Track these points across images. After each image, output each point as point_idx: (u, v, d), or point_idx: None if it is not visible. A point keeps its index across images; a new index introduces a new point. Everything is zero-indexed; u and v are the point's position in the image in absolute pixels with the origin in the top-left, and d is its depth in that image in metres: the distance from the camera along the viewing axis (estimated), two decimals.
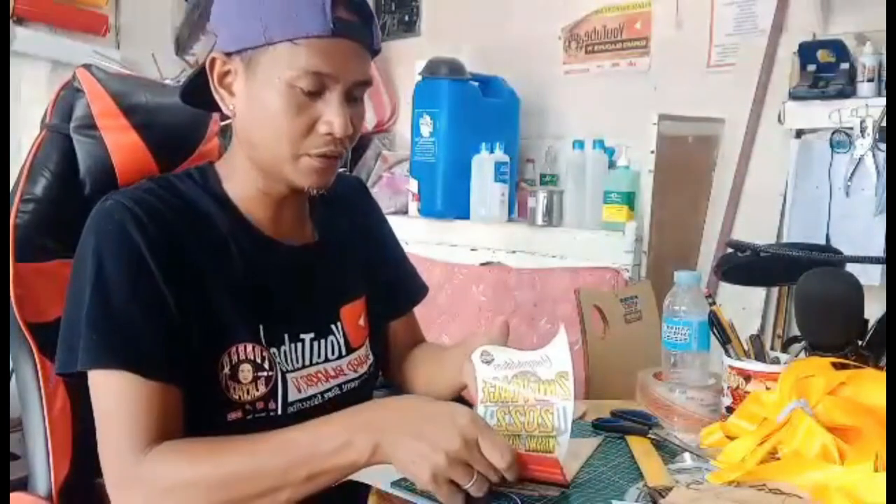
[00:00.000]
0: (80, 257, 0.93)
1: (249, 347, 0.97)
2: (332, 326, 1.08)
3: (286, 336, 1.01)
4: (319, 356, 1.05)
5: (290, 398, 1.00)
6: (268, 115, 0.93)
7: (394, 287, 1.23)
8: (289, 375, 1.00)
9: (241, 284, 0.98)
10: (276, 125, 0.93)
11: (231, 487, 0.85)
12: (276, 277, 1.02)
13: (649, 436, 1.05)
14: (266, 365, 0.98)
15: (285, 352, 1.01)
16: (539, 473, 0.87)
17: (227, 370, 0.95)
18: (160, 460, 0.87)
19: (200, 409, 0.94)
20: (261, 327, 0.98)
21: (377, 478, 0.91)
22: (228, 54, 0.95)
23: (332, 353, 1.07)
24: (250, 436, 0.89)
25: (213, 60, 0.97)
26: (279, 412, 0.98)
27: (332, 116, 0.93)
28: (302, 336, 1.03)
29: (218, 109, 1.07)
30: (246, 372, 0.96)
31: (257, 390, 0.97)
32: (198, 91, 1.02)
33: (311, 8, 0.90)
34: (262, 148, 0.96)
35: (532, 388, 0.94)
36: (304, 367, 1.03)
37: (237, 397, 0.96)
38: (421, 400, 0.92)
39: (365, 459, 0.84)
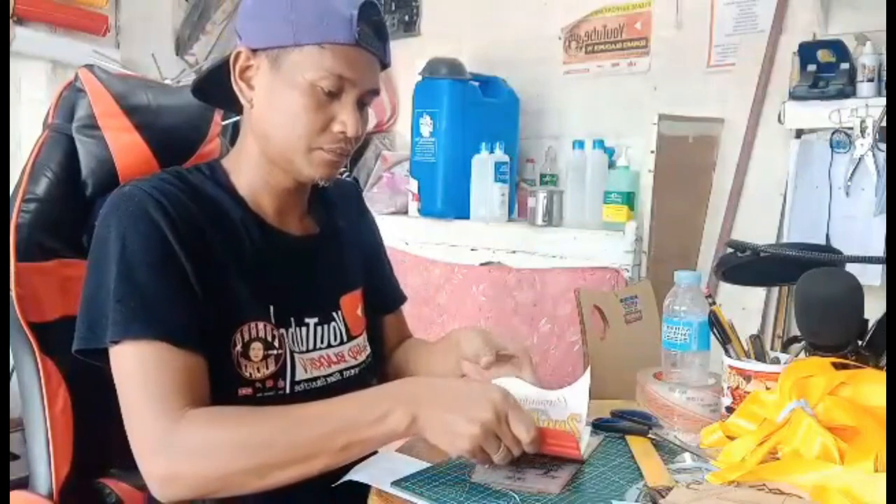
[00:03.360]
0: (101, 239, 0.97)
1: (261, 326, 1.01)
2: (334, 314, 1.12)
3: (293, 319, 1.06)
4: (323, 341, 1.09)
5: (298, 377, 1.04)
6: (288, 109, 1.00)
7: (381, 287, 1.27)
8: (297, 356, 1.04)
9: (251, 267, 1.03)
10: (295, 119, 1.00)
11: (265, 452, 0.88)
12: (282, 263, 1.07)
13: (649, 436, 1.05)
14: (276, 343, 1.02)
15: (293, 334, 1.05)
16: (557, 449, 0.92)
17: (239, 347, 0.99)
18: (193, 425, 0.89)
19: (213, 385, 0.96)
20: (271, 308, 1.03)
21: (377, 478, 0.91)
22: (254, 51, 1.01)
23: (335, 338, 1.11)
24: (285, 406, 0.93)
25: (237, 54, 1.02)
26: (287, 390, 1.02)
27: (346, 117, 1.01)
28: (307, 320, 1.08)
29: (223, 106, 1.15)
30: (257, 350, 1.00)
31: (267, 368, 1.01)
32: (208, 87, 1.09)
33: (339, 19, 0.98)
34: (277, 139, 1.02)
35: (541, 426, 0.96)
36: (308, 350, 1.07)
37: (248, 374, 0.99)
38: (454, 379, 1.03)
39: (402, 430, 0.89)
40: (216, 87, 1.07)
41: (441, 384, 0.96)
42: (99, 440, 1.09)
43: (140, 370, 0.91)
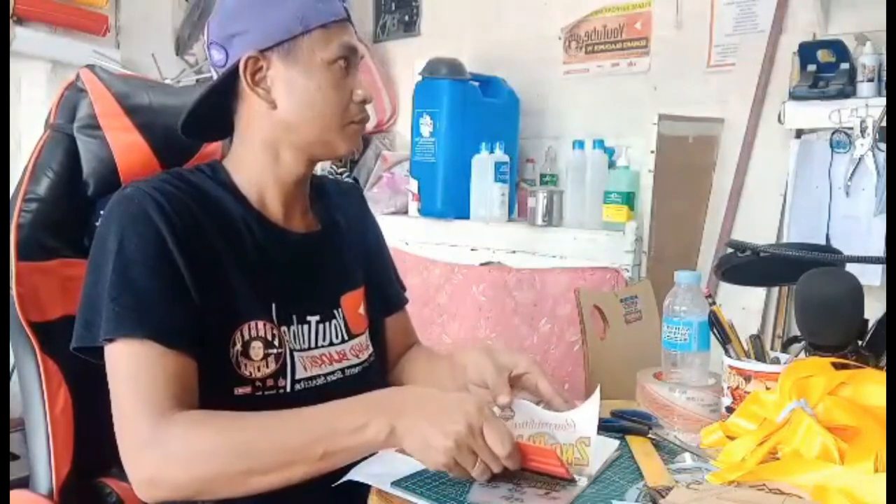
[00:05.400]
0: (100, 239, 0.97)
1: (261, 325, 1.01)
2: (334, 312, 1.12)
3: (294, 317, 1.06)
4: (324, 339, 1.09)
5: (298, 376, 1.04)
6: (315, 94, 1.03)
7: (382, 288, 1.27)
8: (296, 354, 1.04)
9: (253, 265, 1.03)
10: (325, 101, 1.04)
11: (247, 457, 0.89)
12: (284, 261, 1.08)
13: (649, 436, 1.05)
14: (276, 343, 1.02)
15: (294, 332, 1.05)
16: (539, 466, 0.89)
17: (238, 347, 0.99)
18: (178, 426, 0.90)
19: (209, 385, 0.97)
20: (273, 306, 1.03)
21: (377, 478, 0.91)
22: (262, 51, 1.02)
23: (336, 336, 1.11)
24: (269, 411, 0.93)
25: (246, 61, 1.02)
26: (287, 389, 1.02)
27: (359, 86, 1.07)
28: (308, 318, 1.08)
29: (215, 138, 1.17)
30: (257, 349, 1.00)
31: (267, 367, 1.01)
32: (194, 122, 1.07)
33: None
34: (310, 126, 1.05)
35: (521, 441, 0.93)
36: (310, 348, 1.07)
37: (248, 374, 1.00)
38: (435, 390, 0.98)
39: (381, 441, 0.88)
40: (201, 121, 1.08)
41: (422, 395, 0.94)
42: (99, 439, 1.09)
43: (130, 369, 0.92)
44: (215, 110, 1.07)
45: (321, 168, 1.08)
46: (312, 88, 1.03)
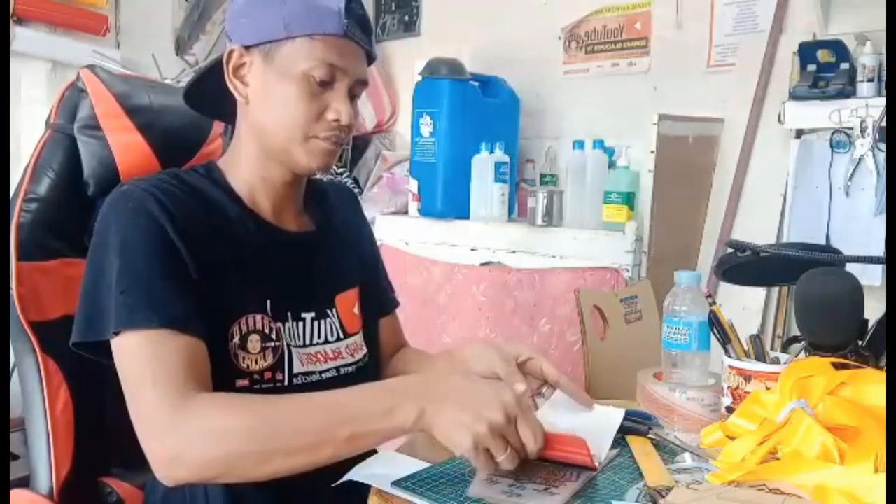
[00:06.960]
0: (100, 235, 0.98)
1: (259, 318, 1.02)
2: (328, 311, 1.13)
3: (289, 314, 1.07)
4: (319, 337, 1.10)
5: (296, 370, 1.05)
6: (284, 99, 1.03)
7: (375, 290, 1.27)
8: (293, 350, 1.05)
9: (249, 262, 1.04)
10: (291, 109, 1.03)
11: (271, 439, 0.88)
12: (279, 259, 1.08)
13: (649, 436, 1.05)
14: (274, 336, 1.03)
15: (289, 328, 1.06)
16: (566, 454, 0.90)
17: (237, 339, 1.00)
18: (201, 406, 0.90)
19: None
20: (268, 301, 1.04)
21: (377, 478, 0.91)
22: (247, 48, 1.04)
23: (332, 334, 1.12)
24: (295, 394, 0.94)
25: (230, 52, 1.05)
26: (286, 382, 1.03)
27: (339, 105, 1.04)
28: (304, 315, 1.09)
29: (214, 115, 1.17)
30: (255, 342, 1.01)
31: (265, 360, 1.02)
32: (200, 95, 1.11)
33: (327, 12, 1.02)
34: (274, 130, 1.05)
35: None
36: (305, 345, 1.08)
37: (245, 366, 1.00)
38: (467, 376, 1.00)
39: (410, 425, 0.89)
40: (207, 95, 1.10)
41: (452, 381, 0.95)
42: (99, 439, 1.10)
43: (146, 357, 0.92)
44: (218, 96, 1.08)
45: None
46: (282, 94, 1.02)
